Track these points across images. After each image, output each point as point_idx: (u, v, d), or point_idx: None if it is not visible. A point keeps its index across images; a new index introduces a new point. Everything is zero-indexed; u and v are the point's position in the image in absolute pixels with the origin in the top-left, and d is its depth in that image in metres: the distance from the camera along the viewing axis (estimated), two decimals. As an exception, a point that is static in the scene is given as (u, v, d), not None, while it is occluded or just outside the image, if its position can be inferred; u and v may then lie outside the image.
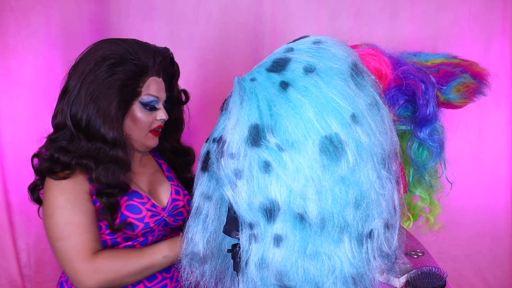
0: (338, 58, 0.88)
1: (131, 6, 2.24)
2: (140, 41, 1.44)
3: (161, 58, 1.43)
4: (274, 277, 0.84)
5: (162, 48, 1.47)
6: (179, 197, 1.49)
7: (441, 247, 2.45)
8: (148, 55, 1.39)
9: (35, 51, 2.17)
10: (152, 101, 1.39)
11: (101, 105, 1.31)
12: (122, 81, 1.33)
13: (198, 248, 0.96)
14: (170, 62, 1.49)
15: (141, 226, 1.37)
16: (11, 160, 2.20)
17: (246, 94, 0.85)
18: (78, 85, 1.34)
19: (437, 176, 1.47)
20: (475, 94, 1.44)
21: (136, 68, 1.35)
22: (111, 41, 1.40)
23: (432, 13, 2.35)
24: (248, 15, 2.31)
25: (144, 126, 1.40)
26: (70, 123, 1.33)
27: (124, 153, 1.34)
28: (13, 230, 2.24)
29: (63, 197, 1.30)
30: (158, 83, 1.42)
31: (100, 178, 1.30)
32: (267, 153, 0.82)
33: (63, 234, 1.27)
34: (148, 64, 1.39)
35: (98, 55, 1.35)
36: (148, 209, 1.39)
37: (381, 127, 0.87)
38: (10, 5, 2.13)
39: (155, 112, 1.41)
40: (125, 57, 1.35)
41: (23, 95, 2.18)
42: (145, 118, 1.39)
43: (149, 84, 1.39)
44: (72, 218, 1.28)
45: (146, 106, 1.39)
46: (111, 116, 1.32)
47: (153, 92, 1.39)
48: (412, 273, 1.34)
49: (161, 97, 1.42)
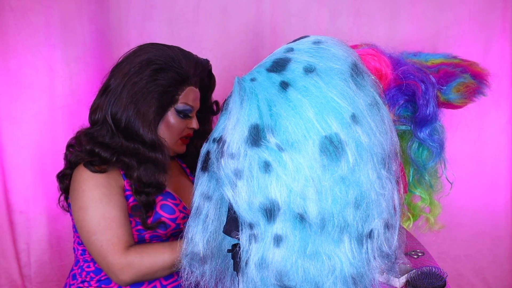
0: (338, 58, 0.88)
1: (131, 6, 2.24)
2: (183, 50, 1.48)
3: (201, 69, 1.48)
4: (274, 277, 0.84)
5: (203, 59, 1.52)
6: None
7: (441, 247, 2.45)
8: (190, 65, 1.44)
9: (35, 51, 2.16)
10: (186, 109, 1.44)
11: (141, 107, 1.36)
12: (163, 87, 1.38)
13: (198, 248, 0.96)
14: (208, 74, 1.55)
15: (172, 226, 1.40)
16: (11, 160, 2.20)
17: (246, 94, 0.85)
18: (121, 85, 1.37)
19: (437, 176, 1.47)
20: (475, 94, 1.44)
21: (178, 76, 1.40)
22: (157, 46, 1.44)
23: (432, 13, 2.35)
24: (248, 15, 2.31)
25: (176, 132, 1.45)
26: (111, 121, 1.37)
27: (163, 156, 1.38)
28: (13, 230, 2.24)
29: (99, 191, 1.31)
30: (195, 93, 1.47)
31: (141, 177, 1.35)
32: (267, 153, 0.82)
33: (98, 228, 1.29)
34: (189, 73, 1.43)
35: (144, 58, 1.38)
36: (180, 211, 1.43)
37: (381, 127, 0.87)
38: (10, 5, 2.12)
39: (187, 120, 1.46)
40: (169, 64, 1.39)
41: (23, 95, 2.18)
42: (178, 125, 1.44)
43: (187, 93, 1.44)
44: (108, 212, 1.30)
45: (180, 113, 1.44)
46: (150, 120, 1.36)
47: (189, 101, 1.44)
48: (412, 273, 1.34)
49: (196, 106, 1.47)
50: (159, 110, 1.39)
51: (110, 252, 1.28)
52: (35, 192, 2.21)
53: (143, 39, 2.20)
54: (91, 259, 1.40)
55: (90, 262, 1.41)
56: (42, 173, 2.20)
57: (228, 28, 2.30)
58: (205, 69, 1.51)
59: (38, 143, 2.20)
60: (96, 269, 1.40)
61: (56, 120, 2.20)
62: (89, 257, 1.41)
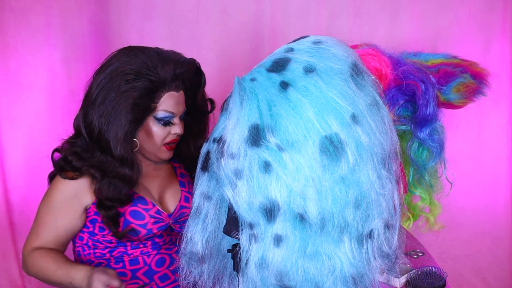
0: (338, 58, 0.88)
1: (131, 6, 2.24)
2: (162, 52, 1.42)
3: (183, 70, 1.40)
4: (274, 277, 0.84)
5: (187, 59, 1.45)
6: (187, 204, 1.49)
7: (441, 247, 2.44)
8: (167, 69, 1.37)
9: (35, 51, 2.16)
10: (167, 116, 1.39)
11: (111, 120, 1.33)
12: (134, 99, 1.33)
13: (197, 248, 0.96)
14: (196, 72, 1.47)
15: (143, 232, 1.40)
16: (11, 160, 2.20)
17: (246, 94, 0.85)
18: (93, 97, 1.36)
19: (437, 176, 1.47)
20: (475, 94, 1.44)
21: (151, 84, 1.35)
22: (132, 53, 1.38)
23: (432, 13, 2.35)
24: (248, 15, 2.30)
25: (158, 140, 1.40)
26: (84, 131, 1.37)
27: (130, 171, 1.36)
28: (13, 230, 2.24)
29: (59, 197, 1.39)
30: (176, 98, 1.40)
31: (101, 190, 1.35)
32: (267, 153, 0.82)
33: (38, 220, 1.41)
34: (166, 79, 1.37)
35: (114, 68, 1.35)
36: (151, 216, 1.41)
37: (381, 127, 0.88)
38: (10, 5, 2.12)
39: (170, 126, 1.41)
40: (141, 72, 1.34)
41: (23, 95, 2.18)
42: (160, 132, 1.40)
43: (165, 100, 1.38)
44: (49, 217, 1.39)
45: (160, 121, 1.39)
46: (120, 133, 1.34)
47: (169, 107, 1.39)
48: (412, 273, 1.34)
49: (178, 111, 1.41)
50: (133, 122, 1.35)
51: (27, 241, 1.40)
52: (35, 192, 2.21)
53: (143, 39, 2.20)
54: (88, 259, 1.43)
55: (86, 262, 1.43)
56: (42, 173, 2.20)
57: (228, 28, 2.30)
58: (190, 69, 1.43)
59: (38, 143, 2.20)
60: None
61: (56, 120, 2.20)
62: (85, 258, 1.43)
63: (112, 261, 1.42)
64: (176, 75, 1.38)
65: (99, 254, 1.42)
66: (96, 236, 1.40)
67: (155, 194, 1.48)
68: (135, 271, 1.42)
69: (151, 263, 1.43)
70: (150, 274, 1.43)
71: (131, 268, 1.42)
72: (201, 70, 1.48)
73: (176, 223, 1.46)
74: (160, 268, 1.44)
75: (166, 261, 1.46)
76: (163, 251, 1.45)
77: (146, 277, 1.43)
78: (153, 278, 1.43)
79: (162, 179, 1.51)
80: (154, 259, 1.44)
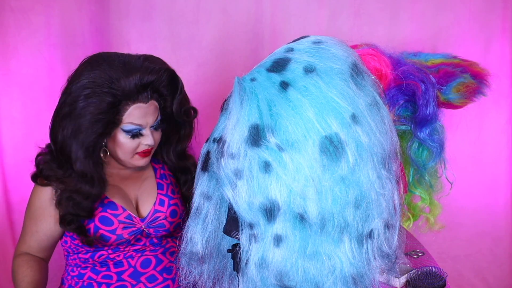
0: (338, 58, 0.88)
1: (131, 6, 2.24)
2: (130, 61, 1.34)
3: (151, 79, 1.33)
4: (274, 277, 0.84)
5: (157, 67, 1.36)
6: (162, 208, 1.45)
7: (441, 247, 2.44)
8: (132, 80, 1.30)
9: (35, 51, 2.16)
10: (134, 129, 1.33)
11: (72, 135, 1.30)
12: (93, 115, 1.29)
13: (197, 248, 0.96)
14: (171, 79, 1.39)
15: (113, 237, 1.37)
16: (11, 160, 2.19)
17: (246, 94, 0.85)
18: (59, 107, 1.35)
19: (437, 176, 1.47)
20: (475, 94, 1.44)
21: (113, 98, 1.29)
22: (96, 63, 1.33)
23: (432, 13, 2.34)
24: (248, 15, 2.30)
25: (128, 150, 1.36)
26: (52, 144, 1.36)
27: (90, 188, 1.33)
28: (13, 230, 2.23)
29: (36, 203, 1.40)
30: (144, 109, 1.33)
31: (60, 204, 1.34)
32: (267, 153, 0.82)
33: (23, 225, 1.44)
34: (131, 91, 1.30)
35: (78, 80, 1.31)
36: (120, 221, 1.38)
37: (381, 127, 0.88)
38: (10, 5, 2.12)
39: (140, 138, 1.35)
40: (103, 85, 1.28)
41: (23, 95, 2.18)
42: (129, 143, 1.35)
43: (132, 112, 1.32)
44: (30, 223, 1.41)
45: (128, 133, 1.34)
46: (80, 150, 1.31)
47: (135, 120, 1.33)
48: (412, 273, 1.34)
49: (146, 123, 1.34)
50: (95, 137, 1.31)
51: (17, 245, 1.45)
52: (35, 192, 2.20)
53: (143, 39, 2.20)
54: (75, 263, 1.43)
55: (74, 266, 1.44)
56: (42, 173, 2.20)
57: (228, 28, 2.30)
58: (160, 77, 1.35)
59: (38, 143, 2.19)
60: (79, 274, 1.43)
61: (56, 120, 2.20)
62: (73, 262, 1.43)
63: (97, 265, 1.41)
64: (143, 85, 1.32)
65: (83, 258, 1.41)
66: (76, 241, 1.39)
67: (133, 197, 1.45)
68: (120, 273, 1.41)
69: (136, 264, 1.42)
70: (136, 276, 1.42)
71: (116, 270, 1.41)
72: (176, 76, 1.40)
73: (149, 227, 1.42)
74: (146, 270, 1.43)
75: (152, 262, 1.44)
76: (147, 253, 1.44)
77: (132, 278, 1.42)
78: (140, 280, 1.42)
79: (142, 181, 1.48)
80: (138, 260, 1.43)
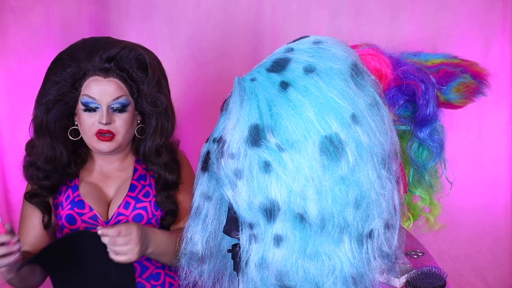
0: (338, 58, 0.88)
1: (131, 6, 2.24)
2: (99, 39, 1.43)
3: (111, 54, 1.33)
4: (274, 277, 0.84)
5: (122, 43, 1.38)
6: (126, 211, 1.41)
7: (441, 247, 2.45)
8: (95, 52, 1.33)
9: (35, 51, 2.17)
10: (88, 102, 1.33)
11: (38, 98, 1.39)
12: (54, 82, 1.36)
13: (197, 248, 0.96)
14: (139, 64, 1.37)
15: None
16: (11, 160, 2.20)
17: (246, 94, 0.85)
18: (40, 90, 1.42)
19: (437, 176, 1.47)
20: (475, 94, 1.44)
21: (75, 69, 1.34)
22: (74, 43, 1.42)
23: (432, 13, 2.35)
24: (248, 15, 2.31)
25: (86, 128, 1.35)
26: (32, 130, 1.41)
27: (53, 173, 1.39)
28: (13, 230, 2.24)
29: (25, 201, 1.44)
30: (101, 83, 1.33)
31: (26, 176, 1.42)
32: (267, 153, 0.82)
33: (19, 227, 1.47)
34: (91, 63, 1.32)
35: None
36: (83, 221, 1.38)
37: (381, 127, 0.87)
38: (10, 5, 2.13)
39: (96, 115, 1.34)
40: (63, 58, 1.36)
41: (23, 95, 2.18)
42: (86, 119, 1.35)
43: (88, 84, 1.34)
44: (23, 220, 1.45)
45: (84, 106, 1.34)
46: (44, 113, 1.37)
47: (91, 93, 1.33)
48: (412, 273, 1.34)
49: (103, 100, 1.33)
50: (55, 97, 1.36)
51: None
52: (35, 192, 2.20)
53: (143, 39, 2.19)
54: None
55: None
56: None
57: (228, 28, 2.30)
58: (122, 53, 1.34)
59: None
60: None
61: (56, 120, 2.20)
62: None
63: None
64: (102, 59, 1.33)
65: None
66: None
67: (110, 197, 1.44)
68: None
69: None
70: None
71: None
72: (146, 63, 1.37)
73: None
74: None
75: (136, 270, 1.41)
76: None
77: None
78: None
79: (122, 181, 1.45)
80: None
